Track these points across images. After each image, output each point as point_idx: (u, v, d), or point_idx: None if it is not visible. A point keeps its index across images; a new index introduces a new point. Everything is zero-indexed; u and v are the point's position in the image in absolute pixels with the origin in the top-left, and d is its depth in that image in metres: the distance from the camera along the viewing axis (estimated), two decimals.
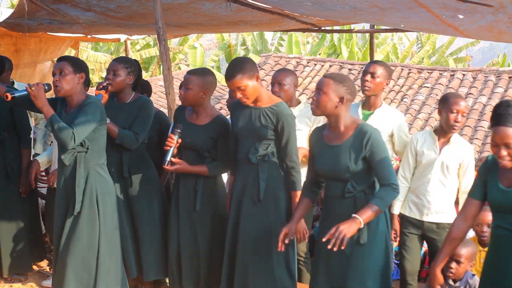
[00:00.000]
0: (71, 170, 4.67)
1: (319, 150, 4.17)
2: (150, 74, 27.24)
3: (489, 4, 4.63)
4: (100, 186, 4.72)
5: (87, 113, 4.57)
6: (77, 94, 4.69)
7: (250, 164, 4.61)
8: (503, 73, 16.78)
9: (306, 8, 6.51)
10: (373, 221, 3.96)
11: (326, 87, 3.96)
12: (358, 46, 28.54)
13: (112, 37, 10.73)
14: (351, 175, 3.99)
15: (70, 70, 4.62)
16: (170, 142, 4.76)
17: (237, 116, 4.72)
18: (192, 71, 4.97)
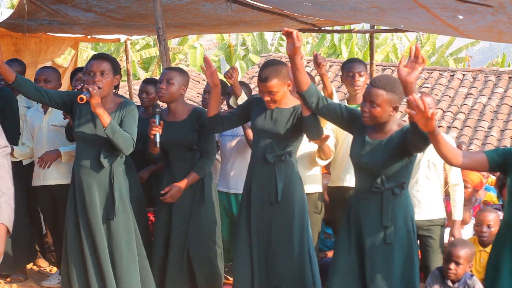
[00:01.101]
0: (107, 174, 4.66)
1: (358, 140, 4.12)
2: (150, 74, 27.20)
3: (489, 4, 4.64)
4: (127, 189, 4.76)
5: (134, 117, 4.65)
6: (110, 96, 4.69)
7: (266, 163, 4.55)
8: (503, 73, 16.80)
9: (306, 8, 6.51)
10: (397, 221, 3.96)
11: (380, 100, 3.85)
12: (358, 46, 28.52)
13: (112, 38, 10.71)
14: (383, 169, 3.94)
15: (111, 71, 4.62)
16: (155, 127, 4.70)
17: (257, 111, 4.67)
18: (172, 68, 5.08)
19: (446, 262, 4.79)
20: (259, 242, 4.60)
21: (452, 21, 5.59)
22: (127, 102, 4.74)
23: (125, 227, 4.68)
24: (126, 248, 4.69)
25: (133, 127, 4.63)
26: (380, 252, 3.98)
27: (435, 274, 4.89)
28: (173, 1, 6.43)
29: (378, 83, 3.88)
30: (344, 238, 4.16)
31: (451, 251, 4.74)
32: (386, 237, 3.95)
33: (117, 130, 4.47)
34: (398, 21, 6.71)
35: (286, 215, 4.54)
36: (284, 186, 4.54)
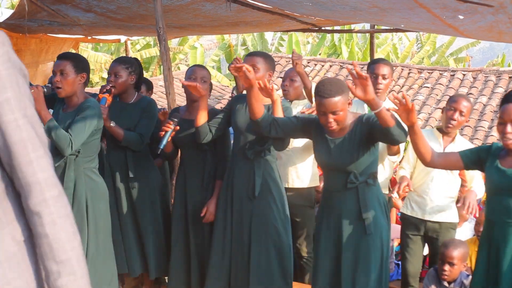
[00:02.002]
0: (60, 172, 4.58)
1: (320, 143, 4.14)
2: (150, 74, 27.22)
3: (489, 4, 4.63)
4: (91, 191, 4.66)
5: (85, 118, 4.50)
6: (77, 95, 4.64)
7: (245, 159, 4.62)
8: (503, 73, 16.80)
9: (306, 8, 6.51)
10: (374, 212, 4.00)
11: (340, 105, 3.84)
12: (358, 46, 28.54)
13: (112, 38, 10.73)
14: (354, 166, 3.97)
15: (72, 70, 4.56)
16: (168, 126, 4.71)
17: (237, 109, 4.73)
18: (198, 65, 5.08)
19: (440, 263, 4.80)
20: (237, 236, 4.66)
21: (452, 21, 5.59)
22: (86, 101, 4.62)
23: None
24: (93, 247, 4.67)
25: (78, 127, 4.45)
26: (361, 243, 4.01)
27: (432, 274, 4.90)
28: (173, 2, 6.43)
29: (329, 93, 3.83)
30: (322, 236, 4.18)
31: (444, 253, 4.75)
32: (366, 228, 3.99)
33: (53, 129, 4.36)
34: (398, 21, 6.70)
35: (264, 210, 4.60)
36: (262, 181, 4.59)
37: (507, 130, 3.65)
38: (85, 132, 4.50)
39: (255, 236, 4.59)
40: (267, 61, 4.57)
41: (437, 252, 5.15)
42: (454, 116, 4.91)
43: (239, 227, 4.67)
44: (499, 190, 3.70)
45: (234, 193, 4.70)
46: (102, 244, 4.73)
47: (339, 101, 3.82)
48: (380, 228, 4.04)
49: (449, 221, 5.12)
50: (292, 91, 5.63)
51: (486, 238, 3.85)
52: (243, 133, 4.67)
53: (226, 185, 4.79)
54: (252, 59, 4.54)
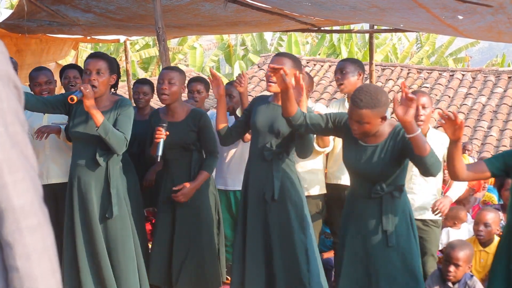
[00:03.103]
0: (103, 172, 4.65)
1: (350, 145, 4.08)
2: (149, 74, 27.25)
3: (488, 4, 4.64)
4: (124, 188, 4.75)
5: (130, 116, 4.62)
6: (106, 95, 4.68)
7: (264, 160, 4.55)
8: (502, 73, 16.81)
9: (306, 8, 6.52)
10: (397, 224, 3.94)
11: (367, 118, 3.76)
12: (357, 46, 28.59)
13: (112, 38, 10.73)
14: (382, 176, 3.92)
15: (107, 70, 4.60)
16: (160, 134, 4.68)
17: (257, 109, 4.66)
18: (170, 67, 5.01)
19: (445, 264, 4.80)
20: (255, 240, 4.59)
21: (451, 21, 5.60)
22: (122, 100, 4.71)
23: (122, 226, 4.68)
24: (123, 247, 4.69)
25: (127, 126, 4.60)
26: (383, 255, 3.96)
27: (436, 275, 4.89)
28: (172, 2, 6.43)
29: (360, 104, 3.76)
30: (348, 242, 4.13)
31: (450, 254, 4.74)
32: (388, 241, 3.94)
33: (109, 129, 4.45)
34: (397, 21, 6.71)
35: (282, 213, 4.53)
36: (281, 184, 4.53)
37: None
38: (130, 129, 4.62)
39: (273, 240, 4.53)
40: (294, 63, 4.53)
41: (423, 250, 5.15)
42: (419, 112, 4.93)
43: (255, 231, 4.60)
44: None
45: (249, 196, 4.65)
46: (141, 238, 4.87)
47: (366, 114, 3.74)
48: (403, 240, 3.98)
49: (432, 219, 5.14)
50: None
51: (506, 245, 3.80)
52: (262, 134, 4.59)
53: (243, 188, 4.74)
54: (280, 59, 4.45)
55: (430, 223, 5.14)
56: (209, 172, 4.90)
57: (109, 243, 4.67)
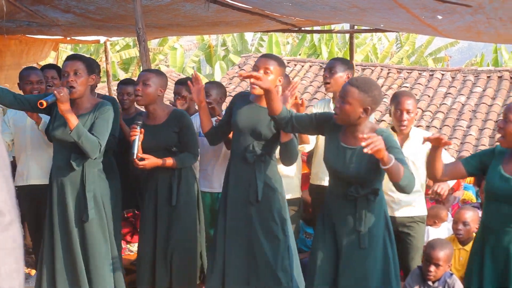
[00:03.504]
0: (78, 176, 4.62)
1: (331, 144, 4.08)
2: (130, 75, 27.12)
3: (468, 4, 4.67)
4: (103, 190, 4.72)
5: (107, 119, 4.59)
6: (87, 96, 4.65)
7: (246, 163, 4.54)
8: (481, 73, 16.91)
9: (286, 8, 6.53)
10: (371, 227, 3.95)
11: (351, 97, 3.78)
12: (338, 47, 28.62)
13: (92, 39, 10.68)
14: (358, 179, 3.91)
15: (84, 71, 4.57)
16: (134, 132, 4.69)
17: (238, 110, 4.63)
18: (148, 70, 5.00)
19: (425, 264, 4.82)
20: (235, 242, 4.59)
21: (431, 21, 5.63)
22: (102, 103, 4.68)
23: (98, 229, 4.67)
24: (99, 250, 4.68)
25: (103, 130, 4.56)
26: (355, 256, 3.97)
27: (416, 273, 4.91)
28: (152, 2, 6.42)
29: (353, 82, 3.85)
30: (320, 240, 4.15)
31: (430, 253, 4.76)
32: (361, 242, 3.94)
33: (83, 133, 4.42)
34: (378, 21, 6.74)
35: (265, 215, 4.54)
36: (263, 185, 4.53)
37: (499, 124, 3.68)
38: (107, 134, 4.58)
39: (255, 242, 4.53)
40: (281, 66, 4.53)
41: (408, 247, 5.18)
42: (402, 117, 4.95)
43: (236, 233, 4.59)
44: (499, 197, 3.68)
45: (230, 197, 4.64)
46: (118, 242, 4.86)
47: (352, 92, 3.78)
48: (376, 241, 3.99)
49: (418, 215, 5.17)
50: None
51: (481, 244, 3.83)
52: (244, 136, 4.56)
53: (223, 190, 4.74)
54: (265, 61, 4.46)
55: (416, 219, 5.17)
56: (177, 162, 4.86)
57: (85, 246, 4.65)
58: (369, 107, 3.80)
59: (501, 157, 3.77)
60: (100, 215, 4.67)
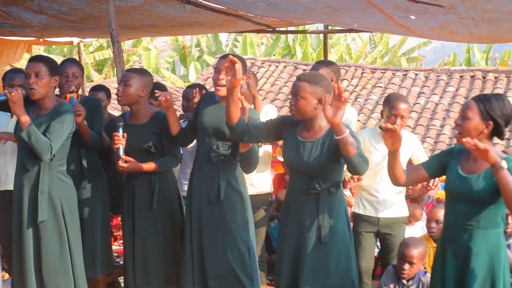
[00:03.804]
0: (34, 177, 4.56)
1: (290, 142, 4.11)
2: (104, 77, 27.01)
3: (440, 4, 4.70)
4: (65, 194, 4.65)
5: (63, 122, 4.51)
6: (49, 98, 4.60)
7: (210, 162, 4.54)
8: (454, 73, 17.04)
9: (260, 9, 6.53)
10: (333, 221, 3.98)
11: (303, 91, 3.87)
12: (312, 47, 28.71)
13: (65, 40, 10.61)
14: (320, 172, 3.95)
15: (46, 72, 4.52)
16: (118, 140, 4.69)
17: (204, 109, 4.63)
18: (131, 69, 4.95)
19: (399, 262, 4.85)
20: (200, 242, 4.60)
21: (404, 21, 5.66)
22: (61, 105, 4.62)
23: (54, 232, 4.60)
24: (53, 253, 4.61)
25: (57, 132, 4.49)
26: (317, 251, 3.99)
27: (390, 272, 4.95)
28: (126, 3, 6.39)
29: (302, 77, 3.95)
30: (283, 239, 4.17)
31: (404, 252, 4.80)
32: (322, 236, 3.97)
33: (33, 134, 4.37)
34: (351, 21, 6.77)
35: (227, 215, 4.55)
36: (226, 185, 4.54)
37: (456, 121, 3.73)
38: (63, 136, 4.51)
39: (216, 240, 4.54)
40: (242, 64, 4.50)
41: (389, 247, 5.21)
42: (396, 122, 4.98)
43: (198, 231, 4.60)
44: (457, 196, 3.73)
45: (193, 197, 4.64)
46: (78, 246, 4.75)
47: (303, 87, 3.88)
48: (339, 235, 4.02)
49: (401, 216, 5.22)
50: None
51: (443, 241, 3.88)
52: (209, 135, 4.57)
53: (188, 190, 4.74)
54: (224, 62, 4.40)
55: (399, 220, 5.21)
56: (159, 166, 4.84)
57: (39, 248, 4.60)
58: (322, 97, 3.88)
59: (459, 156, 3.82)
60: (56, 218, 4.59)
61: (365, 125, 14.58)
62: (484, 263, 3.65)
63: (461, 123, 3.69)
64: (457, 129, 3.73)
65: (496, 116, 3.64)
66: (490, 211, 3.64)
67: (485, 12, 4.89)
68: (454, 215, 3.77)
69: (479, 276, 3.65)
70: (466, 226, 3.68)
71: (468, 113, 3.67)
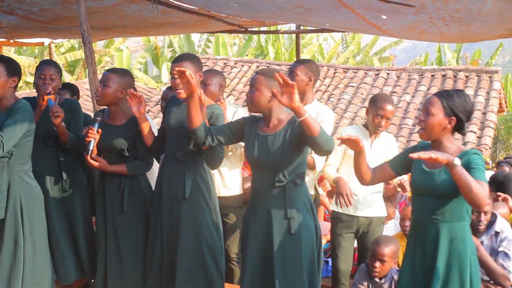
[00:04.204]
0: None
1: (251, 139, 4.14)
2: (76, 78, 26.83)
3: (411, 4, 4.73)
4: (25, 194, 4.58)
5: (16, 118, 4.44)
6: (7, 98, 4.56)
7: (176, 161, 4.55)
8: (425, 72, 17.20)
9: (233, 9, 6.53)
10: (300, 214, 4.01)
11: (258, 83, 3.98)
12: (284, 47, 28.80)
13: (36, 41, 10.51)
14: (283, 164, 3.98)
15: (4, 73, 4.49)
16: (92, 133, 4.66)
17: (170, 110, 4.66)
18: (112, 70, 4.93)
19: (371, 260, 4.88)
20: (167, 240, 4.60)
21: (375, 21, 5.69)
22: (17, 103, 4.57)
23: (11, 231, 4.53)
24: (10, 253, 4.54)
25: (9, 128, 4.41)
26: (288, 243, 4.01)
27: (363, 270, 4.97)
28: (97, 3, 6.35)
29: (259, 71, 4.08)
30: (250, 236, 4.19)
31: (376, 250, 4.82)
32: (292, 228, 3.99)
33: None
34: (323, 20, 6.78)
35: (194, 212, 4.55)
36: (193, 183, 4.54)
37: (420, 117, 3.77)
38: (17, 134, 4.44)
39: (185, 238, 4.54)
40: (194, 63, 4.53)
41: (366, 246, 5.23)
42: (381, 123, 5.06)
43: (169, 230, 4.60)
44: (422, 191, 3.78)
45: (164, 195, 4.64)
46: (39, 248, 4.65)
47: (258, 79, 4.00)
48: (307, 227, 4.04)
49: (379, 215, 5.24)
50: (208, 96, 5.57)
51: (412, 237, 3.92)
52: (174, 135, 4.59)
53: (156, 188, 4.75)
54: (180, 64, 4.42)
55: (378, 220, 5.23)
56: (128, 169, 4.81)
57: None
58: (274, 91, 3.88)
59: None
60: (14, 218, 4.53)
61: (338, 124, 14.64)
62: (450, 256, 3.70)
63: (424, 119, 3.74)
64: (420, 125, 3.78)
65: (459, 112, 3.71)
66: (454, 204, 3.69)
67: (455, 11, 4.92)
68: (420, 209, 3.82)
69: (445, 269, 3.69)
70: (432, 220, 3.72)
71: (432, 109, 3.72)
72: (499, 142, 24.42)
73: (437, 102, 3.71)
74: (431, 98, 3.76)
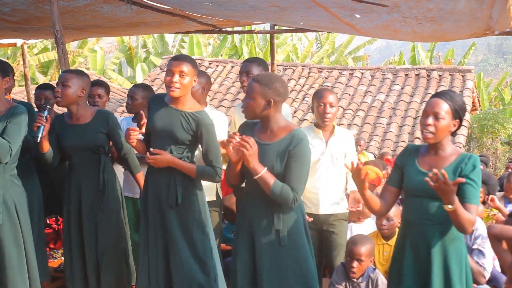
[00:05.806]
0: None
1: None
2: (49, 79, 26.61)
3: (384, 4, 4.76)
4: (18, 197, 4.60)
5: (19, 124, 4.48)
6: (1, 99, 4.54)
7: (165, 167, 4.41)
8: (399, 71, 17.31)
9: (207, 8, 6.52)
10: (292, 223, 3.98)
11: (252, 92, 3.90)
12: (259, 47, 28.78)
13: (8, 42, 10.42)
14: (275, 174, 3.91)
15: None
16: (40, 120, 4.60)
17: (155, 112, 4.49)
18: (68, 70, 4.92)
19: (348, 260, 4.88)
20: (157, 246, 4.53)
21: (349, 20, 5.72)
22: (16, 107, 4.57)
23: (10, 235, 4.53)
24: (10, 256, 4.55)
25: (14, 134, 4.45)
26: (274, 254, 3.98)
27: (340, 270, 4.97)
28: (70, 4, 6.31)
29: (255, 78, 3.98)
30: (240, 243, 4.15)
31: (353, 250, 4.83)
32: (280, 240, 3.97)
33: None
34: (297, 19, 6.80)
35: (184, 218, 4.48)
36: (183, 189, 4.47)
37: (428, 121, 3.71)
38: (20, 139, 4.48)
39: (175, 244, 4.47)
40: (194, 67, 4.41)
41: (332, 244, 5.23)
42: (326, 110, 5.09)
43: (158, 237, 4.51)
44: (418, 192, 3.75)
45: (149, 202, 4.54)
46: (32, 248, 4.70)
47: (254, 87, 3.92)
48: (296, 240, 4.00)
49: (341, 212, 5.25)
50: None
51: (402, 238, 3.90)
52: (161, 140, 4.44)
53: (144, 194, 4.64)
54: (180, 64, 4.34)
55: (340, 217, 5.24)
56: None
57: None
58: (271, 99, 3.88)
59: (416, 153, 3.86)
60: (12, 221, 4.54)
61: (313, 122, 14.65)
62: (442, 257, 3.69)
63: (433, 124, 3.67)
64: (429, 129, 3.68)
65: (462, 114, 3.72)
66: None
67: (428, 11, 4.96)
68: (414, 211, 3.78)
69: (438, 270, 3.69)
70: (426, 222, 3.71)
71: (442, 113, 3.67)
72: (473, 141, 24.59)
73: (446, 106, 3.67)
74: (438, 102, 3.68)
